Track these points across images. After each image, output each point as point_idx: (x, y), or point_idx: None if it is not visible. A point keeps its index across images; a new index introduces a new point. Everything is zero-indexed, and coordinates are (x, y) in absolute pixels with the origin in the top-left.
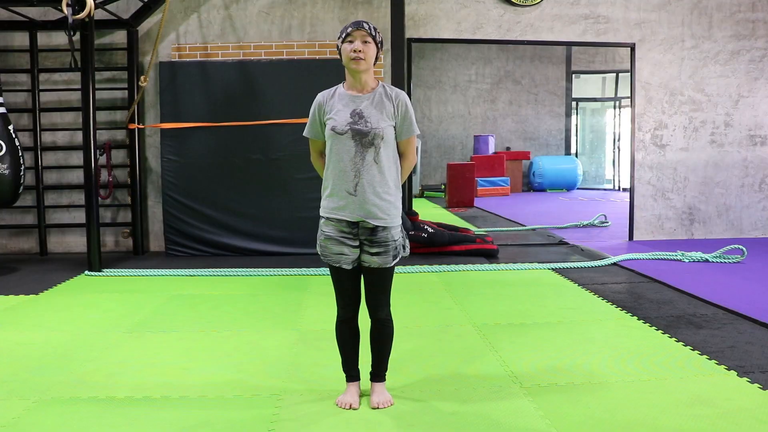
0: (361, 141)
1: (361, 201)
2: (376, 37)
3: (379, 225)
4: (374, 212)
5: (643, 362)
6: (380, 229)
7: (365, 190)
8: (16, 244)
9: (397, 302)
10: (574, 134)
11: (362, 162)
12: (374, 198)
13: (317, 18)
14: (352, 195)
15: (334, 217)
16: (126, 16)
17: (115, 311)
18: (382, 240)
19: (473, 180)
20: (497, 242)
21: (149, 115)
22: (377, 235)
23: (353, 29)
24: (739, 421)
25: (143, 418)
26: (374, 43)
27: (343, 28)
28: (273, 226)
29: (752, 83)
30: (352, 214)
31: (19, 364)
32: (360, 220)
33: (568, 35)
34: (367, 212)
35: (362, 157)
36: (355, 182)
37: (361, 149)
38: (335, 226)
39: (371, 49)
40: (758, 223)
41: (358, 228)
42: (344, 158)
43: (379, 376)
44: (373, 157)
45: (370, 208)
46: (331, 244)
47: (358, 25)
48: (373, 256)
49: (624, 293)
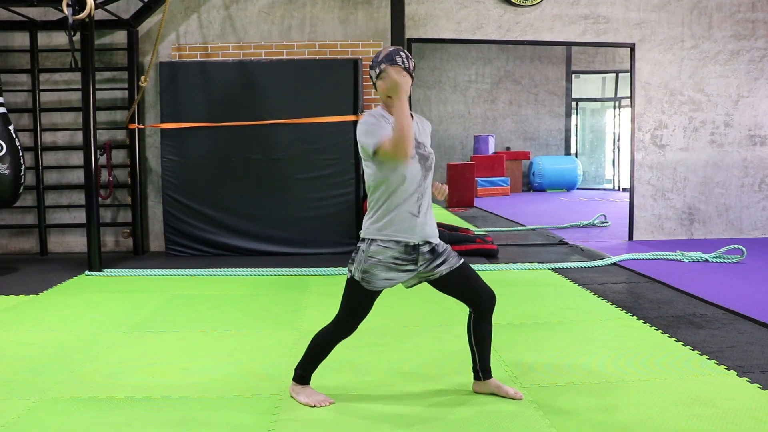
0: (424, 165)
1: (423, 222)
2: (410, 68)
3: (434, 242)
4: (433, 232)
5: (643, 362)
6: (437, 245)
7: (427, 211)
8: (17, 244)
9: (397, 302)
10: (574, 134)
11: (425, 185)
12: (432, 218)
13: (317, 18)
14: (416, 217)
15: (392, 239)
16: (126, 16)
17: (115, 311)
18: (441, 251)
19: (473, 180)
20: (497, 242)
21: (149, 115)
22: (436, 251)
23: (387, 65)
24: (739, 421)
25: (143, 418)
26: (409, 74)
27: (376, 61)
28: (273, 226)
29: (752, 83)
30: (413, 236)
31: (19, 364)
32: (423, 242)
33: (568, 35)
34: (429, 233)
35: (425, 180)
36: (419, 204)
37: (424, 173)
38: (392, 250)
39: (406, 84)
40: (758, 223)
41: (418, 251)
42: (411, 182)
43: (488, 372)
44: (430, 180)
45: (431, 229)
46: (381, 271)
47: (391, 60)
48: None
49: (624, 293)
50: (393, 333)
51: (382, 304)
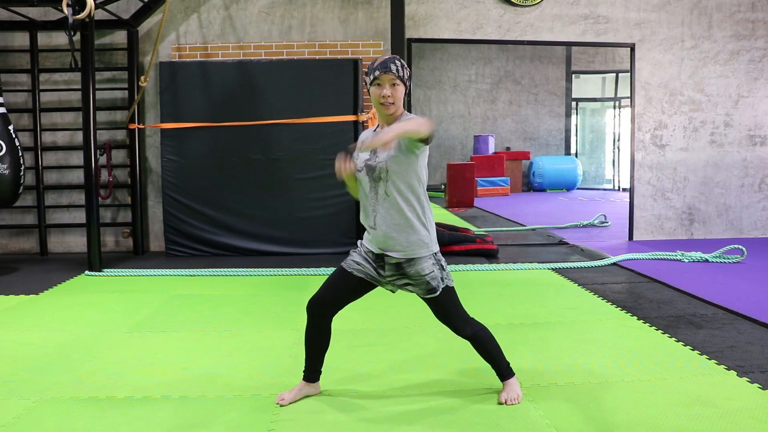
0: (371, 176)
1: (383, 235)
2: (404, 76)
3: (400, 258)
4: (399, 246)
5: (643, 362)
6: (406, 263)
7: (390, 225)
8: (17, 244)
9: (397, 302)
10: (574, 134)
11: (378, 198)
12: (403, 234)
13: (317, 18)
14: (373, 228)
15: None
16: (126, 16)
17: (115, 311)
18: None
19: (473, 180)
20: (497, 242)
21: (149, 115)
22: (404, 268)
23: (381, 73)
24: (739, 421)
25: (143, 418)
26: (402, 83)
27: (371, 68)
28: (273, 226)
29: (752, 83)
30: (372, 246)
31: (19, 364)
32: (383, 253)
33: (568, 35)
34: (390, 246)
35: (376, 192)
36: (373, 216)
37: (373, 184)
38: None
39: (400, 91)
40: (758, 223)
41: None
42: (363, 193)
43: (503, 375)
44: (385, 193)
45: (395, 243)
46: (357, 255)
47: (385, 68)
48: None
49: (624, 293)
50: (393, 333)
51: (382, 304)
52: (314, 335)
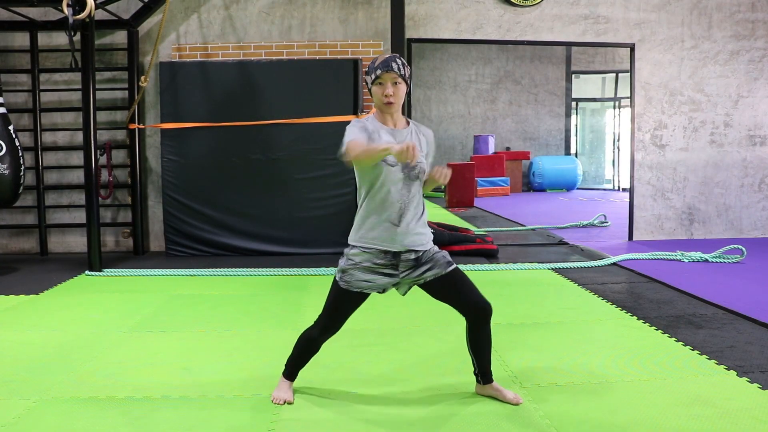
0: (409, 174)
1: (404, 232)
2: (405, 75)
3: (421, 250)
4: (419, 241)
5: (643, 362)
6: (424, 253)
7: (412, 221)
8: (17, 244)
9: (397, 302)
10: (573, 134)
11: (409, 195)
12: (420, 227)
13: (317, 18)
14: (396, 226)
15: (372, 246)
16: (126, 16)
17: (115, 311)
18: (428, 257)
19: (473, 180)
20: (497, 242)
21: (149, 115)
22: (422, 258)
23: (383, 72)
24: (739, 421)
25: (143, 418)
26: (404, 81)
27: (372, 67)
28: (273, 226)
29: (752, 83)
30: (393, 245)
31: (19, 364)
32: (406, 250)
33: (568, 35)
34: (412, 242)
35: (409, 190)
36: (400, 214)
37: (407, 182)
38: (371, 254)
39: (401, 90)
40: (758, 223)
41: (400, 258)
42: (392, 190)
43: (489, 375)
44: (416, 190)
45: (416, 238)
46: (359, 272)
47: (387, 67)
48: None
49: (624, 293)
50: (393, 333)
51: (382, 305)
52: (314, 352)
